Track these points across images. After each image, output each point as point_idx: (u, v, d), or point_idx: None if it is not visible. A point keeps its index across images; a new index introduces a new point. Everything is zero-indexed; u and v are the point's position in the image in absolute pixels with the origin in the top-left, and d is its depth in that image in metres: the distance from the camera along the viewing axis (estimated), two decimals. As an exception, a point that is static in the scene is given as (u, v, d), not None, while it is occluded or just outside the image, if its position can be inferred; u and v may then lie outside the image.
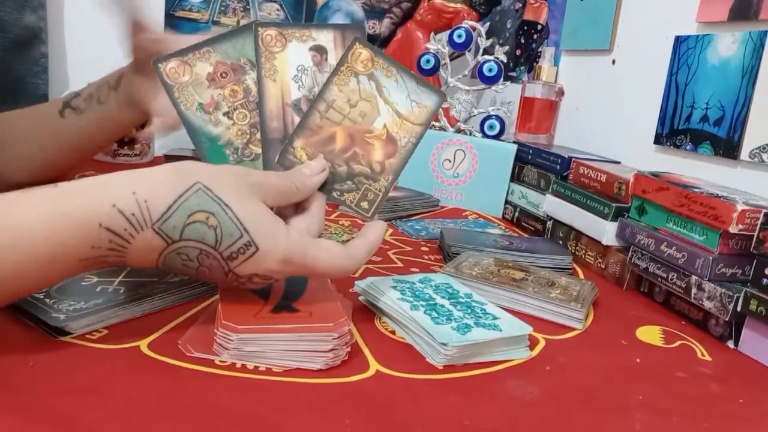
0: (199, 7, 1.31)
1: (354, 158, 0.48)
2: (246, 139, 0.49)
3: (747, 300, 0.52)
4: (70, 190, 0.38)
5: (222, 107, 0.49)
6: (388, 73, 0.48)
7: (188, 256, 0.40)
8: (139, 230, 0.38)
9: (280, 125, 0.49)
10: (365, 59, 0.48)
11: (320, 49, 0.49)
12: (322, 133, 0.48)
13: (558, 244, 0.80)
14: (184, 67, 0.49)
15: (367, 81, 0.48)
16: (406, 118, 0.48)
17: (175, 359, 0.40)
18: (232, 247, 0.40)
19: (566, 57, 1.12)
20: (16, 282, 0.37)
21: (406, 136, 0.48)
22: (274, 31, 0.49)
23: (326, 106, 0.47)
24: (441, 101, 0.49)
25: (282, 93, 0.49)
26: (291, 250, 0.41)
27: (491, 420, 0.38)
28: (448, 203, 1.01)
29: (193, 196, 0.39)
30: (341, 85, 0.48)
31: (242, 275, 0.41)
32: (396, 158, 0.48)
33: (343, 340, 0.42)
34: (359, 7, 1.37)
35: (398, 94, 0.48)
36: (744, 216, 0.54)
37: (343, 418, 0.36)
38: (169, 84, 0.49)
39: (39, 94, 1.18)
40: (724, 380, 0.48)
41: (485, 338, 0.46)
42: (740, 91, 0.72)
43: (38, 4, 1.15)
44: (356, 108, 0.48)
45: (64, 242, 0.36)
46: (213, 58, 0.49)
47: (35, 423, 0.32)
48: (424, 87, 0.48)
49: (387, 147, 0.48)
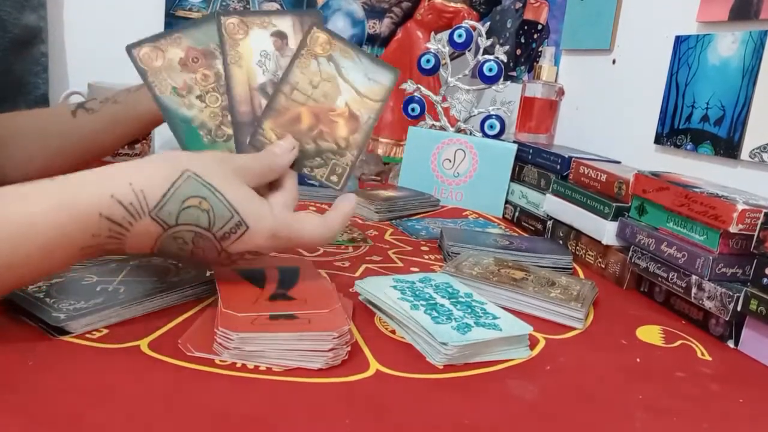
0: (199, 6, 1.31)
1: (320, 136, 0.51)
2: (218, 121, 0.52)
3: (747, 300, 0.52)
4: (69, 183, 0.40)
5: (194, 91, 0.52)
6: (346, 54, 0.51)
7: (183, 240, 0.43)
8: (137, 218, 0.40)
9: (249, 108, 0.51)
10: (323, 42, 0.51)
11: (281, 34, 0.51)
12: (289, 113, 0.51)
13: (558, 243, 0.80)
14: (156, 52, 0.51)
15: (327, 62, 0.51)
16: (365, 95, 0.51)
17: (175, 359, 0.40)
18: (224, 228, 0.43)
19: (566, 57, 1.12)
20: (22, 270, 0.38)
21: (366, 113, 0.51)
22: (236, 20, 0.51)
23: (290, 88, 0.50)
24: (395, 78, 0.52)
25: (248, 78, 0.51)
26: (277, 226, 0.45)
27: (491, 420, 0.38)
28: (448, 203, 1.01)
29: (185, 183, 0.42)
30: (303, 67, 0.51)
31: (234, 253, 0.45)
32: (359, 134, 0.51)
33: (343, 339, 0.42)
34: (359, 6, 1.37)
35: (356, 74, 0.51)
36: (744, 216, 0.54)
37: (343, 417, 0.36)
38: (143, 69, 0.51)
39: (39, 94, 1.18)
40: (724, 380, 0.48)
41: (485, 338, 0.46)
42: (740, 90, 0.72)
43: (38, 3, 1.15)
44: (318, 89, 0.51)
45: (67, 232, 0.38)
46: (184, 44, 0.52)
47: (35, 423, 0.32)
48: (379, 66, 0.52)
49: (350, 123, 0.51)
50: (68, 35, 1.26)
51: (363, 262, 0.66)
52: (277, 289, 0.48)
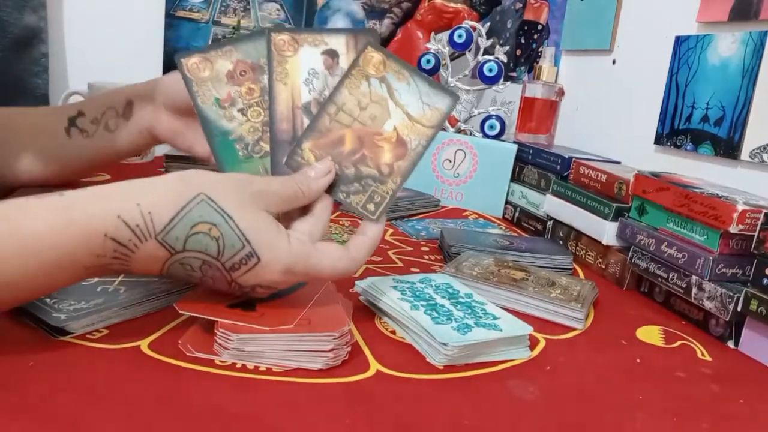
0: (199, 7, 1.30)
1: (362, 160, 0.48)
2: (257, 136, 0.50)
3: (747, 300, 0.52)
4: (76, 200, 0.39)
5: (237, 103, 0.50)
6: (400, 76, 0.48)
7: (191, 266, 0.40)
8: (143, 240, 0.38)
9: (290, 127, 0.49)
10: (377, 63, 0.48)
11: (332, 53, 0.49)
12: (331, 135, 0.48)
13: (558, 244, 0.80)
14: (205, 63, 0.50)
15: (379, 84, 0.48)
16: (417, 120, 0.48)
17: (175, 359, 0.40)
18: (233, 258, 0.40)
19: (566, 57, 1.12)
20: (23, 286, 0.38)
21: (416, 139, 0.48)
22: (287, 36, 0.49)
23: (336, 108, 0.48)
24: (454, 104, 0.49)
25: (292, 96, 0.49)
26: (293, 260, 0.42)
27: (491, 420, 0.38)
28: (448, 203, 1.01)
29: (197, 207, 0.39)
30: (352, 88, 0.48)
31: (245, 285, 0.42)
32: (405, 161, 0.48)
33: (343, 340, 0.42)
34: (359, 7, 1.37)
35: (410, 97, 0.48)
36: (744, 216, 0.54)
37: (343, 418, 0.36)
38: (189, 78, 0.50)
39: (39, 94, 1.18)
40: (724, 380, 0.48)
41: (485, 338, 0.46)
42: (740, 91, 0.72)
43: (38, 4, 1.15)
44: (366, 111, 0.48)
45: (70, 250, 0.37)
46: (234, 57, 0.50)
47: (35, 423, 0.32)
48: (436, 89, 0.48)
49: (396, 149, 0.48)
50: (68, 35, 1.26)
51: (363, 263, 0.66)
52: (245, 300, 0.45)
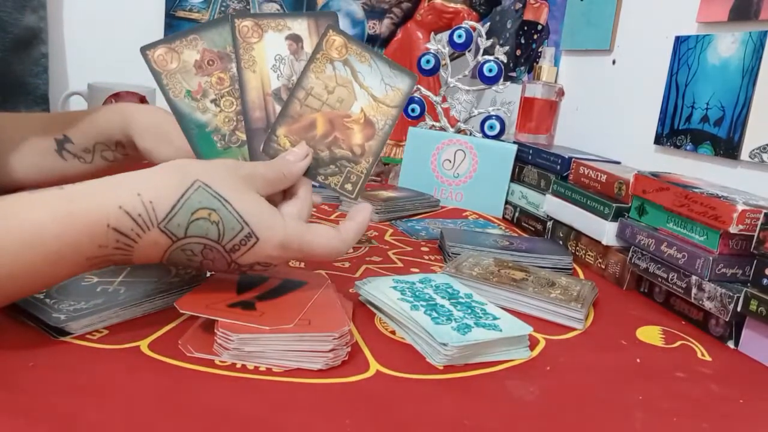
0: (199, 7, 1.30)
1: (335, 143, 0.50)
2: (233, 126, 0.51)
3: (747, 300, 0.52)
4: (77, 193, 0.39)
5: (209, 94, 0.50)
6: (362, 59, 0.50)
7: (192, 252, 0.42)
8: (145, 230, 0.39)
9: (263, 115, 0.50)
10: (339, 46, 0.50)
11: (296, 37, 0.50)
12: (303, 120, 0.49)
13: (558, 244, 0.80)
14: (171, 54, 0.50)
15: (343, 67, 0.50)
16: (381, 101, 0.50)
17: (175, 359, 0.40)
18: (234, 240, 0.42)
19: (566, 57, 1.12)
20: (26, 279, 0.38)
21: (382, 119, 0.50)
22: (251, 22, 0.50)
23: (305, 93, 0.49)
24: (414, 83, 0.51)
25: (262, 83, 0.50)
26: (288, 237, 0.44)
27: (491, 420, 0.38)
28: (448, 203, 1.01)
29: (195, 194, 0.41)
30: (318, 72, 0.49)
31: (244, 264, 0.44)
32: (375, 140, 0.50)
33: (343, 340, 0.42)
34: (359, 7, 1.37)
35: (373, 79, 0.50)
36: (744, 216, 0.54)
37: (343, 418, 0.36)
38: (157, 71, 0.50)
39: (39, 94, 1.18)
40: (724, 380, 0.48)
41: (485, 338, 0.46)
42: (740, 91, 0.72)
43: (38, 4, 1.15)
44: (334, 94, 0.50)
45: (73, 242, 0.38)
46: (200, 46, 0.50)
47: (35, 423, 0.32)
48: (396, 70, 0.50)
49: (365, 130, 0.50)
50: (68, 35, 1.26)
51: (363, 263, 0.66)
52: (252, 298, 0.46)
